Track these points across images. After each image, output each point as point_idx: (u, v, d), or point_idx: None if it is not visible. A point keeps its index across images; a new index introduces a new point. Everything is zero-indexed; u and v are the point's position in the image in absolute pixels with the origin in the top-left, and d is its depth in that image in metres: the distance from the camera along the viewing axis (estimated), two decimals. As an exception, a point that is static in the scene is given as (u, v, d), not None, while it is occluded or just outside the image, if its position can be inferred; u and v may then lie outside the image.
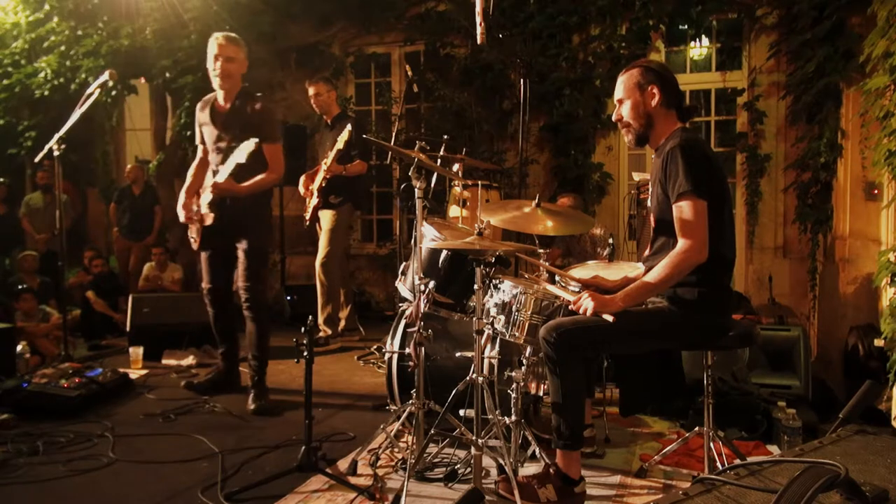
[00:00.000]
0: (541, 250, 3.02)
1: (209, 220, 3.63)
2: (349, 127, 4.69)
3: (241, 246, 3.65)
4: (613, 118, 2.57)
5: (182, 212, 3.76)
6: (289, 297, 6.38)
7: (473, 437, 2.36)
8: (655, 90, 2.43)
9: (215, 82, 3.66)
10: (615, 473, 2.75)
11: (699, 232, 2.28)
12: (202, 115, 3.76)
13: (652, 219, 2.49)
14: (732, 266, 2.49)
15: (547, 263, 2.89)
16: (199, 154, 3.87)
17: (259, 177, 3.58)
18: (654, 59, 2.92)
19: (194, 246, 3.79)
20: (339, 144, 4.69)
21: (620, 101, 2.51)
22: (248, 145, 3.30)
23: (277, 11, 6.79)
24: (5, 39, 7.56)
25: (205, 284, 3.87)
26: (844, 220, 4.96)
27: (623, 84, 2.50)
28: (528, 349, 2.68)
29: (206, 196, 3.62)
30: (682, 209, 2.29)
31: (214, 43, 3.64)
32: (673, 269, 2.28)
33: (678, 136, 2.38)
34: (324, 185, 4.97)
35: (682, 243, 2.29)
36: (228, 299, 3.92)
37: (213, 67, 3.63)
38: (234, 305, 3.92)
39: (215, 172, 3.65)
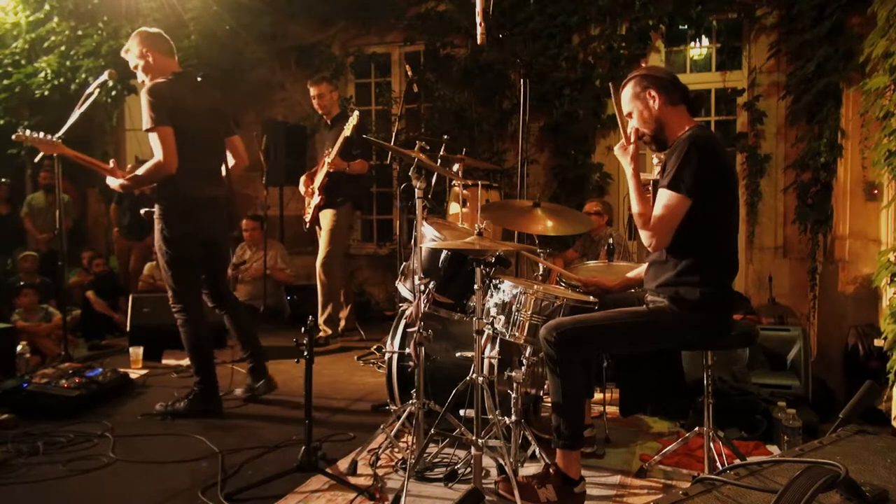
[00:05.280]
0: (540, 250, 3.02)
1: None
2: (357, 113, 4.69)
3: None
4: (628, 132, 2.57)
5: None
6: (289, 297, 6.39)
7: (473, 437, 2.36)
8: (653, 93, 2.45)
9: None
10: (615, 473, 2.75)
11: (664, 224, 2.32)
12: None
13: None
14: (735, 268, 2.49)
15: (546, 262, 2.89)
16: None
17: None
18: (644, 66, 2.97)
19: None
20: (347, 131, 4.70)
21: (629, 115, 2.54)
22: None
23: (277, 11, 6.79)
24: (5, 39, 7.55)
25: None
26: (844, 220, 4.95)
27: (624, 99, 2.53)
28: (528, 349, 2.68)
29: None
30: (663, 196, 2.33)
31: None
32: (637, 214, 2.40)
33: (692, 132, 2.39)
34: (326, 181, 4.97)
35: (648, 226, 2.36)
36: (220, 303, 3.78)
37: None
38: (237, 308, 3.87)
39: None
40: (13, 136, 3.74)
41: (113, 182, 3.56)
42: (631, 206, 2.46)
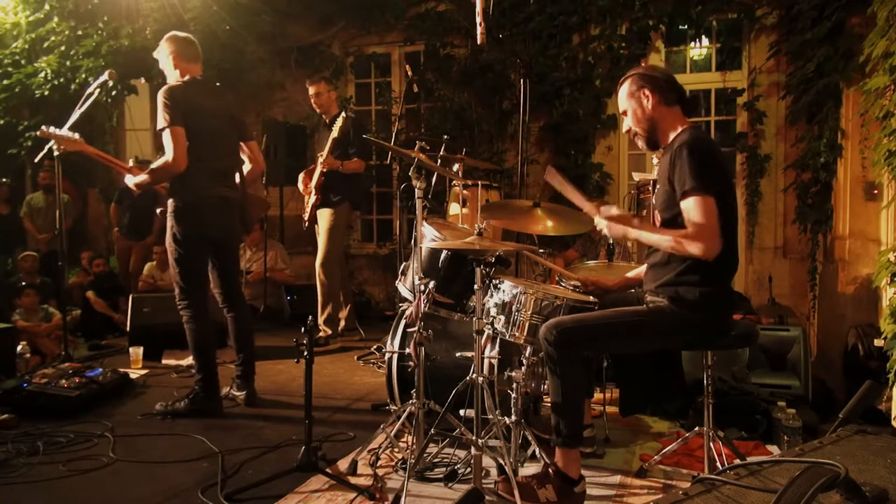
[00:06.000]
0: (540, 250, 3.02)
1: None
2: (343, 113, 4.78)
3: None
4: (623, 131, 2.60)
5: None
6: (289, 298, 6.39)
7: (473, 437, 2.36)
8: (647, 92, 2.45)
9: None
10: (615, 473, 2.75)
11: (707, 228, 2.24)
12: None
13: (657, 215, 2.48)
14: (735, 267, 2.48)
15: (546, 262, 2.89)
16: None
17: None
18: (644, 65, 3.00)
19: None
20: (335, 132, 4.76)
21: (625, 113, 2.55)
22: None
23: (277, 11, 6.79)
24: (5, 39, 7.56)
25: None
26: (844, 220, 4.95)
27: (621, 97, 2.54)
28: (528, 349, 2.68)
29: None
30: (689, 206, 2.28)
31: None
32: (674, 244, 2.29)
33: (687, 134, 2.39)
34: (322, 180, 4.98)
35: (691, 239, 2.26)
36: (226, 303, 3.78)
37: None
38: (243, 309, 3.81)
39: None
40: (38, 132, 3.81)
41: (130, 181, 3.60)
42: (658, 245, 2.39)
